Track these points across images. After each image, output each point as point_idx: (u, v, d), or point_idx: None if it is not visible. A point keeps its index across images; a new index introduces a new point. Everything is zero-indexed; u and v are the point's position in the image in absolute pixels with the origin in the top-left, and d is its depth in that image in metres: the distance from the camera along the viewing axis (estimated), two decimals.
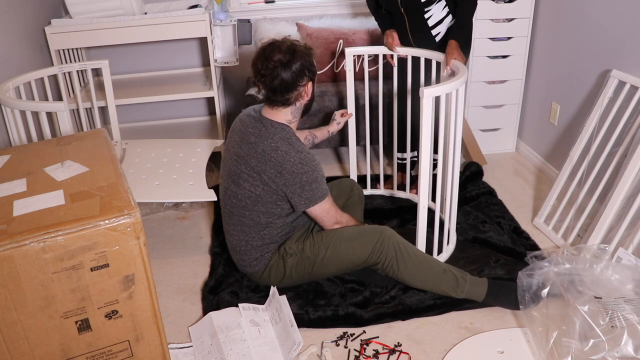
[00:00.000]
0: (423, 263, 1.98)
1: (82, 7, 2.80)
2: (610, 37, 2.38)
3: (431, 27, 2.46)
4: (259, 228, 2.00)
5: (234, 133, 2.03)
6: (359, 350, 1.83)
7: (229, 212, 2.04)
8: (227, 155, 2.04)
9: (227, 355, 1.78)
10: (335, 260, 1.99)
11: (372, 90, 2.87)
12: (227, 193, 2.03)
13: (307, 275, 2.04)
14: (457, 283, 1.96)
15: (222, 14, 3.00)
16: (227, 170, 2.02)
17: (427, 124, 1.93)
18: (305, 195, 1.92)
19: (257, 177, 1.91)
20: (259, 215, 1.98)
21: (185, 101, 3.59)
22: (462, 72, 2.04)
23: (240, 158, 1.94)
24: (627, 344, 1.65)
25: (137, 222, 1.21)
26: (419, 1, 2.39)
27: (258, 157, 1.90)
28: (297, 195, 1.91)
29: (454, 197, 2.21)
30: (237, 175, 1.96)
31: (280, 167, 1.88)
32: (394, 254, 1.95)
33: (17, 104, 2.10)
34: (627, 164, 2.08)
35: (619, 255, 1.99)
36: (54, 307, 1.21)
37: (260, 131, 1.92)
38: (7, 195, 1.31)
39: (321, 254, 1.99)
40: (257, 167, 1.90)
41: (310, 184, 1.90)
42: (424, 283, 1.99)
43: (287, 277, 2.04)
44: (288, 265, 2.02)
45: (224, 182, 2.04)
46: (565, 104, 2.76)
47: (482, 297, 1.97)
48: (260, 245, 2.02)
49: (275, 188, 1.91)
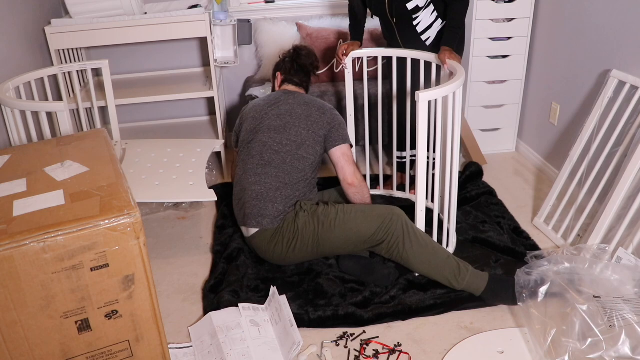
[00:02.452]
0: (428, 245, 2.02)
1: (82, 7, 2.80)
2: (610, 37, 2.38)
3: (420, 33, 2.48)
4: (295, 174, 2.18)
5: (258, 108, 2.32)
6: (359, 350, 1.83)
7: (266, 162, 2.18)
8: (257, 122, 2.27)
9: (227, 355, 1.78)
10: (343, 227, 2.05)
11: (371, 91, 2.87)
12: (265, 145, 2.21)
13: (312, 240, 2.08)
14: (459, 271, 1.98)
15: (222, 14, 3.00)
16: (266, 126, 2.24)
17: (424, 128, 1.92)
18: (341, 133, 2.25)
19: (305, 120, 2.23)
20: (300, 160, 2.19)
21: (185, 101, 3.59)
22: (460, 74, 2.04)
23: (284, 113, 2.25)
24: (625, 344, 1.65)
25: (137, 222, 1.21)
26: (407, 10, 2.40)
27: (302, 106, 2.26)
28: (336, 130, 2.24)
29: (453, 198, 2.21)
30: (282, 126, 2.22)
31: (323, 109, 2.28)
32: (401, 232, 2.00)
33: (17, 104, 2.10)
34: (627, 164, 2.08)
35: (619, 255, 1.99)
36: (54, 307, 1.21)
37: (294, 94, 2.33)
38: (7, 195, 1.31)
39: (331, 216, 2.07)
40: (303, 113, 2.24)
41: (342, 125, 2.28)
42: (426, 266, 2.00)
43: (296, 240, 2.09)
44: (300, 224, 2.09)
45: (262, 136, 2.23)
46: (565, 104, 2.76)
47: (481, 290, 1.97)
48: (289, 196, 2.15)
49: (318, 128, 2.22)
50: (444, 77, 2.33)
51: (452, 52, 2.28)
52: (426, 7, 2.42)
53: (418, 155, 1.97)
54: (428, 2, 2.41)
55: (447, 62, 2.22)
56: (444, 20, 2.44)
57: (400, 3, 2.39)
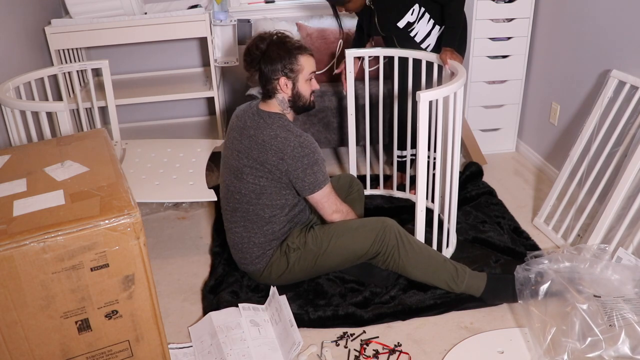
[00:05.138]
0: (424, 252, 2.00)
1: (82, 7, 2.80)
2: (610, 37, 2.38)
3: (420, 42, 2.49)
4: (262, 223, 2.01)
5: (232, 131, 2.05)
6: (359, 350, 1.83)
7: (232, 209, 2.04)
8: (227, 152, 2.06)
9: (227, 355, 1.78)
10: (338, 251, 2.00)
11: (372, 90, 2.87)
12: (229, 190, 2.03)
13: (309, 269, 2.04)
14: (457, 274, 1.97)
15: (222, 14, 3.00)
16: (228, 167, 2.03)
17: (424, 128, 1.92)
18: (308, 180, 1.93)
19: (260, 168, 1.93)
20: (263, 208, 1.99)
21: (185, 101, 3.58)
22: (461, 74, 2.04)
23: (242, 152, 1.96)
24: (625, 343, 1.65)
25: (137, 222, 1.22)
26: (399, 28, 2.41)
27: (259, 148, 1.92)
28: (301, 180, 1.93)
29: (453, 198, 2.21)
30: (240, 170, 1.97)
31: (281, 154, 1.90)
32: (395, 242, 1.97)
33: (17, 104, 2.10)
34: (627, 164, 2.08)
35: (619, 255, 1.99)
36: (54, 307, 1.21)
37: (259, 123, 1.96)
38: (7, 195, 1.31)
39: (324, 246, 2.00)
40: (259, 158, 1.92)
41: (312, 166, 1.92)
42: (424, 272, 1.99)
43: (288, 272, 2.04)
44: (291, 260, 2.02)
45: (226, 179, 2.05)
46: (565, 104, 2.76)
47: (480, 291, 1.97)
48: (263, 242, 2.03)
49: (279, 175, 1.93)
50: (445, 78, 2.32)
51: (454, 53, 2.28)
52: (420, 18, 2.43)
53: (418, 156, 1.96)
54: (421, 13, 2.42)
55: (448, 63, 2.22)
56: (442, 25, 2.44)
57: (390, 23, 2.42)
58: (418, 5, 2.42)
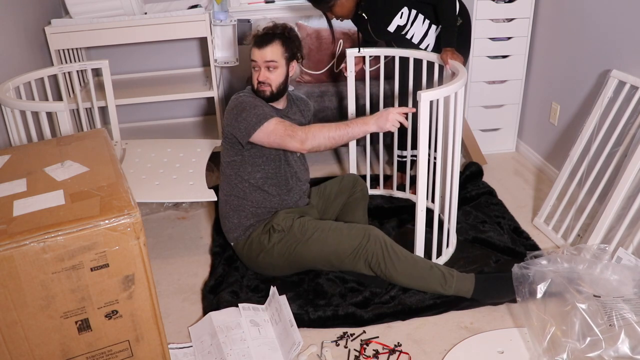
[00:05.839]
0: (409, 260, 2.00)
1: (82, 7, 2.80)
2: (610, 37, 2.38)
3: (418, 43, 2.48)
4: (230, 182, 2.13)
5: None
6: (359, 350, 1.83)
7: (221, 177, 2.19)
8: None
9: (227, 355, 1.78)
10: (319, 245, 2.03)
11: (373, 90, 2.87)
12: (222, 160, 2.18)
13: (287, 256, 2.07)
14: (445, 279, 1.98)
15: (222, 14, 3.00)
16: None
17: (425, 128, 1.92)
18: (241, 126, 1.98)
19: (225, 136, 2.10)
20: (227, 166, 2.12)
21: (185, 101, 3.59)
22: (462, 74, 2.04)
23: None
24: (624, 343, 1.65)
25: (137, 222, 1.21)
26: (390, 32, 2.41)
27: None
28: (236, 128, 2.00)
29: (453, 198, 2.21)
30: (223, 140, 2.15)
31: (226, 114, 2.06)
32: (381, 251, 1.98)
33: (17, 104, 2.10)
34: (627, 164, 2.08)
35: (619, 255, 1.99)
36: (54, 307, 1.21)
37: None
38: (7, 195, 1.31)
39: (307, 235, 2.04)
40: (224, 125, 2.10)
41: (241, 112, 1.98)
42: (412, 280, 2.00)
43: (266, 252, 2.08)
44: (272, 240, 2.07)
45: None
46: (565, 104, 2.76)
47: (471, 292, 1.97)
48: (237, 206, 2.13)
49: (226, 133, 2.07)
50: (446, 78, 2.32)
51: (455, 53, 2.28)
52: (413, 21, 2.42)
53: (419, 155, 1.96)
54: (414, 16, 2.42)
55: (449, 63, 2.22)
56: (439, 24, 2.44)
57: (381, 29, 2.42)
58: (407, 9, 2.42)
